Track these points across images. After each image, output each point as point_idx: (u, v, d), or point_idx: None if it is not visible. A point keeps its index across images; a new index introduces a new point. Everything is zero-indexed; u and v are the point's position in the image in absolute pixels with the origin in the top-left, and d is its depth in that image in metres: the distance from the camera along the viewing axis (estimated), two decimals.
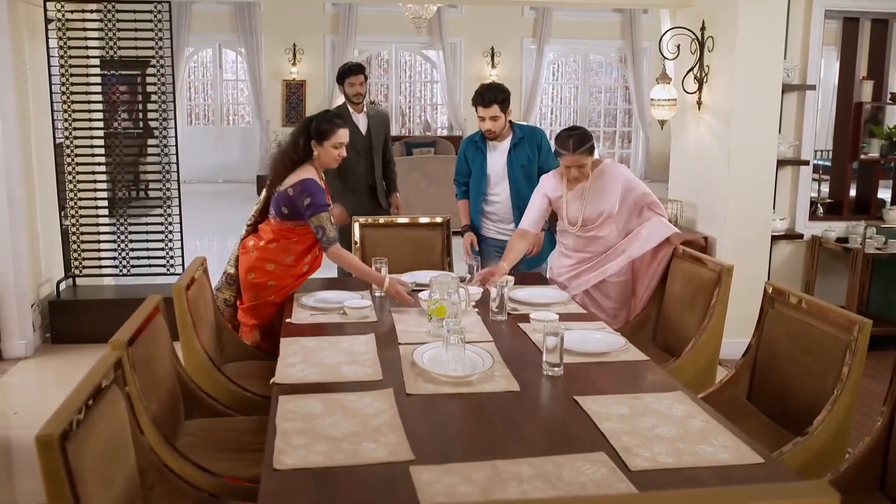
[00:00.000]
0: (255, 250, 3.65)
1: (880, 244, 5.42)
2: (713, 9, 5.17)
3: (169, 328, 2.93)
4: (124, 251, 5.72)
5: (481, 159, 4.52)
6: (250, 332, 3.69)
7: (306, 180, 3.57)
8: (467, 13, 14.22)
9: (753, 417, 3.02)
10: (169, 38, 5.50)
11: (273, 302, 3.65)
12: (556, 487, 1.86)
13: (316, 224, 3.54)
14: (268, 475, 1.92)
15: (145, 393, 2.45)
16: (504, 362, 2.72)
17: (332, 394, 2.42)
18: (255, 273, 3.63)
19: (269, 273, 3.63)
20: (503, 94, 4.34)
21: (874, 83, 5.81)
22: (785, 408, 2.93)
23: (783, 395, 2.96)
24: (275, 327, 3.50)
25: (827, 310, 2.82)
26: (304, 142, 3.62)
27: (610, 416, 2.28)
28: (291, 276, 3.66)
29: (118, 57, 5.49)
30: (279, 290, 3.64)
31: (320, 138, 3.61)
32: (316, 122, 3.64)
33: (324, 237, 3.55)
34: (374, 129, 5.37)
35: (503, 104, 4.32)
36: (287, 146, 3.67)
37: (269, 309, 3.65)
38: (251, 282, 3.64)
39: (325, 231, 3.54)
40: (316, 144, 3.61)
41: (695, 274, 3.72)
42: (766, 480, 1.93)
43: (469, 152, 4.58)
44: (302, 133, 3.64)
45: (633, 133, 15.65)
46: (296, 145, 3.63)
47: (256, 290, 3.64)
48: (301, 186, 3.56)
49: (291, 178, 3.58)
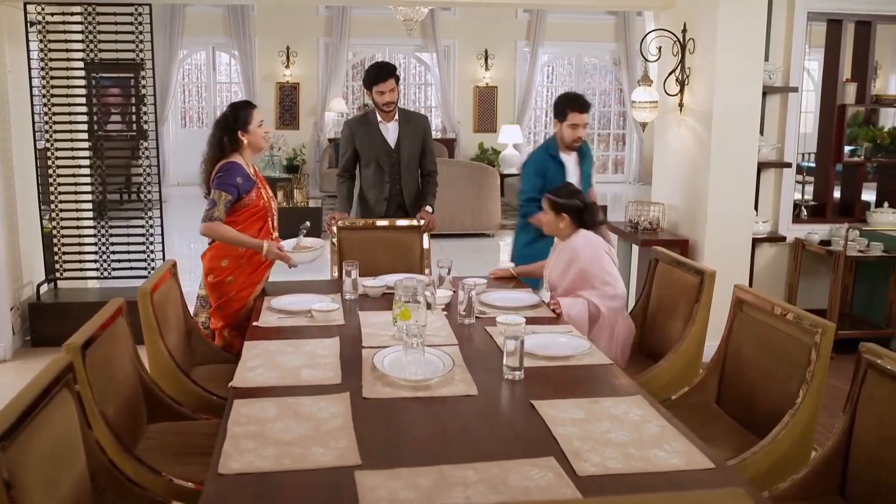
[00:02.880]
0: (209, 252, 3.69)
1: (863, 247, 5.40)
2: (694, 11, 5.16)
3: (137, 331, 2.94)
4: (105, 254, 5.71)
5: (561, 173, 4.41)
6: (220, 333, 3.69)
7: (231, 162, 3.66)
8: (461, 15, 14.22)
9: (721, 421, 3.01)
10: (150, 41, 5.46)
11: (237, 297, 3.65)
12: (500, 493, 1.84)
13: (213, 197, 3.60)
14: (211, 480, 1.91)
15: (102, 396, 2.44)
16: (466, 366, 2.70)
17: (288, 398, 2.41)
18: (214, 273, 3.66)
19: (225, 269, 3.65)
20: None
21: (857, 85, 5.80)
22: (751, 412, 2.92)
23: (749, 400, 2.94)
24: (245, 329, 3.50)
25: (791, 313, 2.81)
26: (230, 138, 3.68)
27: (565, 420, 2.26)
28: (249, 267, 3.67)
29: (99, 59, 5.46)
30: (240, 285, 3.66)
31: (244, 126, 3.68)
32: (232, 114, 3.70)
33: (209, 211, 3.58)
34: (404, 141, 4.78)
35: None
36: (212, 150, 3.72)
37: (234, 306, 3.67)
38: (212, 283, 3.67)
39: (215, 206, 3.58)
40: (242, 133, 3.68)
41: (678, 279, 3.71)
42: (716, 486, 1.92)
43: (549, 166, 4.44)
44: (224, 131, 3.70)
45: (627, 136, 15.63)
46: (220, 145, 3.68)
47: (219, 290, 3.66)
48: (225, 166, 3.64)
49: (221, 163, 3.67)
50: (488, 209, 9.67)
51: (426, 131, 4.90)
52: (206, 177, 3.72)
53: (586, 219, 3.72)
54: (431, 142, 4.95)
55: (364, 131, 4.79)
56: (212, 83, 14.65)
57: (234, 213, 3.66)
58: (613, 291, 3.59)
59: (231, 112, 3.72)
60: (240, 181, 3.62)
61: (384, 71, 4.64)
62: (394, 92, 4.66)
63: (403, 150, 4.78)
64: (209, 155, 3.73)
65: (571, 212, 3.68)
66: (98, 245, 5.73)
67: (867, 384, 2.36)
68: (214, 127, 3.77)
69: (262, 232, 3.74)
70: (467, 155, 14.34)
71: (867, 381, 2.36)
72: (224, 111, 3.80)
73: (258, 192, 3.72)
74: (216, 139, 3.71)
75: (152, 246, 5.74)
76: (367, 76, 4.70)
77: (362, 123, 4.84)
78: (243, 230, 3.66)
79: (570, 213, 3.69)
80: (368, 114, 4.84)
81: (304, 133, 14.16)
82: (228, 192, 3.60)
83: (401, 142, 4.77)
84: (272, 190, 4.06)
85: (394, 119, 4.77)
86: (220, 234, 3.63)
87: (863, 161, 5.89)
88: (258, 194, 3.72)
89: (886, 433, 2.24)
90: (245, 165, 3.69)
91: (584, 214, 3.72)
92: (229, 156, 3.69)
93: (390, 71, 4.66)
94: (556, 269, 3.73)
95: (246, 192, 3.65)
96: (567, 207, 3.68)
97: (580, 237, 3.68)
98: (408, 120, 4.82)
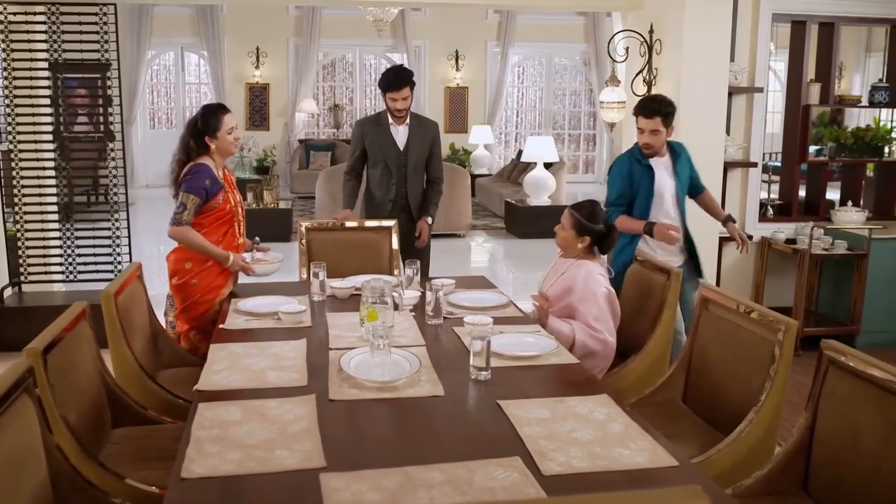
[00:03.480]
0: (173, 254, 3.66)
1: (827, 245, 5.47)
2: (661, 12, 5.20)
3: (101, 334, 2.91)
4: (71, 257, 5.64)
5: (649, 178, 4.16)
6: (185, 336, 3.66)
7: (200, 164, 3.63)
8: (431, 16, 14.22)
9: (687, 419, 3.03)
10: (115, 41, 5.40)
11: (202, 301, 3.62)
12: (465, 493, 1.84)
13: (181, 200, 3.57)
14: (174, 484, 1.89)
15: (64, 401, 2.41)
16: (433, 367, 2.70)
17: (253, 400, 2.39)
18: (178, 275, 3.63)
19: (189, 272, 3.62)
20: (668, 108, 4.07)
21: (822, 86, 5.87)
22: (716, 410, 2.94)
23: (715, 397, 2.97)
24: (212, 332, 3.47)
25: (756, 311, 2.84)
26: (197, 142, 3.65)
27: (531, 420, 2.27)
28: (214, 270, 3.64)
29: (64, 60, 5.39)
30: (205, 288, 3.62)
31: (213, 132, 3.64)
32: (202, 119, 3.66)
33: (178, 214, 3.56)
34: (413, 144, 4.75)
35: (667, 118, 4.06)
36: (180, 153, 3.70)
37: (200, 308, 3.64)
38: (176, 286, 3.64)
39: (184, 209, 3.56)
40: (210, 139, 3.64)
41: (646, 278, 3.74)
42: (679, 483, 1.93)
43: (635, 170, 4.17)
44: (192, 135, 3.67)
45: (597, 136, 15.72)
46: (187, 148, 3.65)
47: (183, 293, 3.63)
48: (193, 168, 3.61)
49: (190, 164, 3.64)
50: (458, 209, 9.68)
51: (435, 138, 4.87)
52: (174, 177, 3.68)
53: (606, 245, 3.59)
54: (439, 149, 4.92)
55: (374, 132, 4.78)
56: (181, 84, 14.52)
57: (200, 216, 3.62)
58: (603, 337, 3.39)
59: (201, 116, 3.68)
60: (208, 183, 3.59)
61: (399, 79, 4.57)
62: (407, 100, 4.61)
63: (411, 153, 4.75)
64: (178, 156, 3.70)
65: (593, 235, 3.52)
66: (63, 248, 5.66)
67: (828, 381, 2.39)
68: (185, 128, 3.74)
69: (227, 236, 3.71)
70: None
71: (828, 377, 2.39)
72: (195, 113, 3.76)
73: (225, 195, 3.69)
74: (185, 141, 3.68)
75: (119, 248, 5.68)
76: (382, 80, 4.63)
77: (374, 124, 4.82)
78: (208, 234, 3.63)
79: (592, 237, 3.52)
80: (381, 115, 4.81)
81: (275, 134, 14.09)
82: (197, 195, 3.57)
83: (409, 145, 4.74)
84: (242, 192, 4.03)
85: (405, 123, 4.74)
86: (188, 240, 3.60)
87: (827, 161, 5.97)
88: (225, 198, 3.68)
89: (847, 429, 2.27)
90: (214, 168, 3.66)
91: (605, 240, 3.56)
92: (198, 158, 3.66)
93: (405, 79, 4.58)
94: (555, 289, 3.54)
95: (213, 195, 3.62)
96: (591, 231, 3.50)
97: (584, 272, 3.46)
98: (419, 125, 4.79)
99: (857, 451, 2.22)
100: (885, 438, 2.13)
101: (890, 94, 5.95)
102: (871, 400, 2.20)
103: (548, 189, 10.03)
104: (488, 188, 12.02)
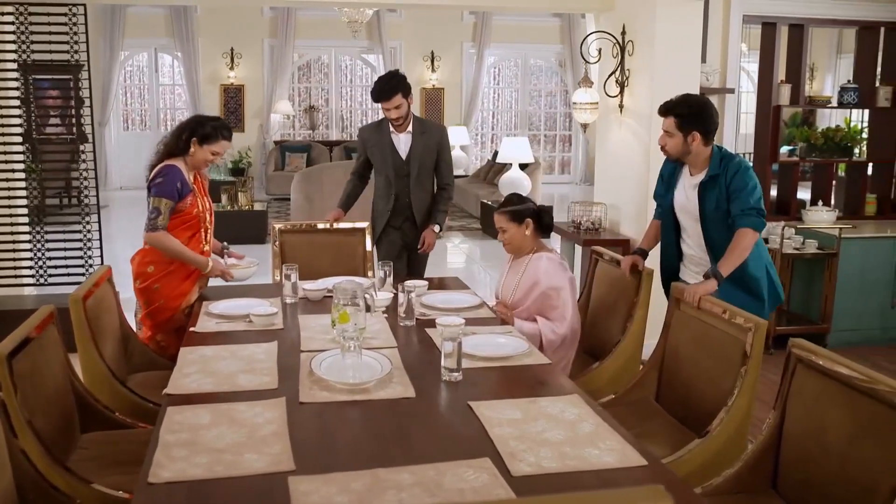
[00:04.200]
0: (136, 256, 3.62)
1: (798, 244, 5.52)
2: (633, 13, 5.23)
3: (70, 338, 2.88)
4: (42, 260, 5.57)
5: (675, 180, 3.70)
6: (151, 339, 3.62)
7: (171, 166, 3.59)
8: (407, 17, 14.21)
9: (659, 418, 3.05)
10: (86, 42, 5.34)
11: (166, 307, 3.58)
12: (434, 495, 1.84)
13: (154, 205, 3.53)
14: (141, 489, 1.87)
15: (29, 407, 2.38)
16: (404, 368, 2.69)
17: (223, 404, 2.37)
18: (141, 279, 3.59)
19: (150, 275, 3.58)
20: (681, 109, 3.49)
21: (792, 87, 5.93)
22: (688, 409, 2.96)
23: (687, 397, 2.99)
24: (178, 334, 3.45)
25: (727, 311, 2.86)
26: (186, 137, 3.62)
27: (501, 421, 2.27)
28: (177, 277, 3.60)
29: (32, 61, 5.33)
30: (167, 295, 3.58)
31: (203, 140, 3.63)
32: (207, 124, 3.65)
33: (153, 219, 3.53)
34: (416, 153, 4.50)
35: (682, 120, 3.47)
36: (170, 136, 3.67)
37: (165, 314, 3.59)
38: (139, 289, 3.60)
39: (158, 214, 3.52)
40: (195, 143, 3.62)
41: (617, 278, 3.75)
42: (648, 483, 1.94)
43: (666, 170, 3.76)
44: (187, 129, 3.64)
45: (573, 136, 15.78)
46: (178, 138, 3.62)
47: (146, 296, 3.59)
48: (163, 169, 3.57)
49: (160, 166, 3.60)
50: None
51: (441, 143, 4.60)
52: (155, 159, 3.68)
53: (546, 221, 3.57)
54: (448, 154, 4.66)
55: (376, 140, 4.58)
56: (154, 85, 14.40)
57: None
58: (561, 329, 3.45)
59: (209, 121, 3.68)
60: (179, 185, 3.56)
61: (385, 91, 4.32)
62: (401, 108, 4.36)
63: (414, 162, 4.50)
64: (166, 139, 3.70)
65: (531, 215, 3.51)
66: (34, 251, 5.59)
67: (796, 379, 2.41)
68: (190, 119, 3.74)
69: (191, 241, 3.65)
70: None
71: (796, 376, 2.41)
72: (204, 116, 3.76)
73: (194, 199, 3.64)
74: (179, 131, 3.67)
75: (90, 252, 5.62)
76: (371, 92, 4.43)
77: (375, 132, 4.61)
78: (176, 234, 3.59)
79: (532, 217, 3.52)
80: (383, 122, 4.57)
81: (250, 135, 14.01)
82: (169, 198, 3.53)
83: (412, 154, 4.50)
84: (217, 194, 4.00)
85: (406, 130, 4.50)
86: (165, 246, 3.55)
87: (797, 160, 6.02)
88: (193, 202, 3.63)
89: (814, 427, 2.29)
90: (185, 171, 3.63)
91: (543, 217, 3.55)
92: (171, 158, 3.63)
93: (392, 89, 4.31)
94: (520, 290, 3.56)
95: (182, 197, 3.59)
96: (526, 212, 3.50)
97: (544, 261, 3.51)
98: (423, 131, 4.52)
99: (824, 448, 2.24)
100: (851, 436, 2.15)
101: (858, 95, 6.03)
102: (837, 398, 2.22)
103: (523, 190, 10.00)
104: (464, 189, 12.02)
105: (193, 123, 3.66)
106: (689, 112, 3.46)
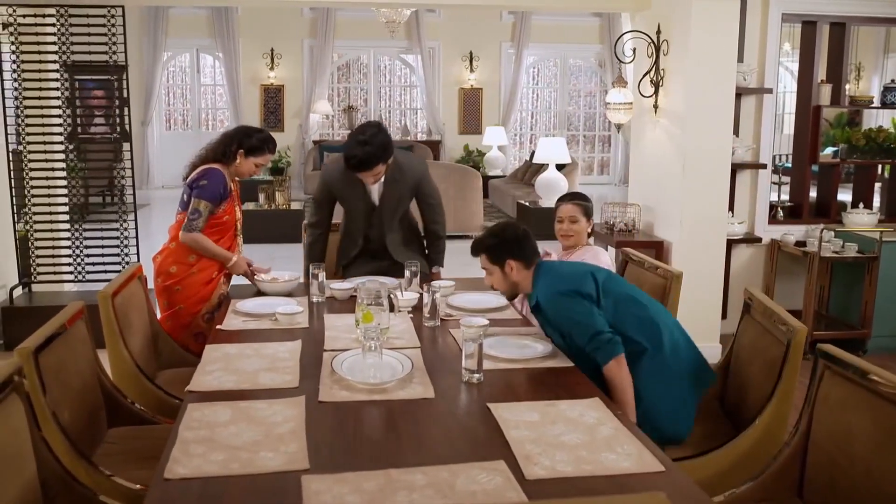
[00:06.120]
0: (159, 256, 3.67)
1: (838, 248, 5.41)
2: (668, 12, 5.17)
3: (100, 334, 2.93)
4: (80, 257, 5.68)
5: None
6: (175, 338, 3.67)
7: (215, 169, 3.64)
8: (445, 17, 14.21)
9: (719, 423, 3.00)
10: (123, 43, 5.43)
11: (185, 312, 3.62)
12: (447, 497, 1.83)
13: (195, 206, 3.58)
14: (156, 484, 1.89)
15: (56, 401, 2.42)
16: (425, 369, 2.69)
17: (243, 401, 2.39)
18: (162, 277, 3.64)
19: (172, 276, 3.62)
20: (488, 241, 3.03)
21: (832, 87, 5.81)
22: (740, 413, 2.92)
23: (742, 400, 2.95)
24: (199, 334, 3.50)
25: (773, 315, 2.80)
26: (235, 148, 3.64)
27: (519, 423, 2.25)
28: (199, 281, 3.64)
29: (72, 62, 5.43)
30: (188, 298, 3.61)
31: (249, 152, 3.68)
32: (254, 136, 3.70)
33: (193, 221, 3.58)
34: (388, 199, 4.01)
35: (489, 253, 3.01)
36: (216, 143, 3.70)
37: (184, 318, 3.63)
38: (160, 286, 3.65)
39: (199, 216, 3.58)
40: (242, 155, 3.66)
41: (646, 280, 3.70)
42: (664, 489, 1.91)
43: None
44: (235, 139, 3.66)
45: (612, 137, 15.65)
46: (226, 147, 3.65)
47: (167, 297, 3.65)
48: (207, 171, 3.62)
49: (202, 168, 3.63)
50: (470, 210, 9.67)
51: (420, 186, 4.08)
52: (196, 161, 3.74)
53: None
54: (431, 192, 4.13)
55: (343, 183, 4.03)
56: (196, 85, 14.59)
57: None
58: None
59: (257, 133, 3.75)
60: (221, 190, 3.62)
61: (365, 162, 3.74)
62: (379, 174, 3.86)
63: (387, 211, 4.04)
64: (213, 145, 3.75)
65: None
66: (73, 248, 5.70)
67: (824, 385, 2.36)
68: (238, 129, 3.80)
69: (219, 244, 3.72)
70: (452, 157, 14.34)
71: (823, 382, 2.36)
72: (251, 127, 3.83)
73: (229, 206, 3.72)
74: (228, 139, 3.72)
75: (127, 249, 5.71)
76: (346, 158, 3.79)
77: (342, 177, 4.01)
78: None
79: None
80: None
81: (289, 135, 14.13)
82: (211, 202, 3.60)
83: (384, 200, 4.02)
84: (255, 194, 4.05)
85: (377, 182, 3.97)
86: (202, 246, 3.63)
87: (838, 162, 5.90)
88: (228, 209, 3.71)
89: (841, 434, 2.23)
90: (227, 177, 3.68)
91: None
92: (216, 163, 3.68)
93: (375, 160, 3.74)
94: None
95: (221, 202, 3.65)
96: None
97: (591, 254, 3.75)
98: (395, 179, 3.98)
99: (850, 456, 2.19)
100: (878, 444, 2.09)
101: None
102: (864, 405, 2.16)
103: (560, 190, 9.96)
104: (501, 189, 11.99)
105: (241, 135, 3.72)
106: (495, 242, 2.98)
